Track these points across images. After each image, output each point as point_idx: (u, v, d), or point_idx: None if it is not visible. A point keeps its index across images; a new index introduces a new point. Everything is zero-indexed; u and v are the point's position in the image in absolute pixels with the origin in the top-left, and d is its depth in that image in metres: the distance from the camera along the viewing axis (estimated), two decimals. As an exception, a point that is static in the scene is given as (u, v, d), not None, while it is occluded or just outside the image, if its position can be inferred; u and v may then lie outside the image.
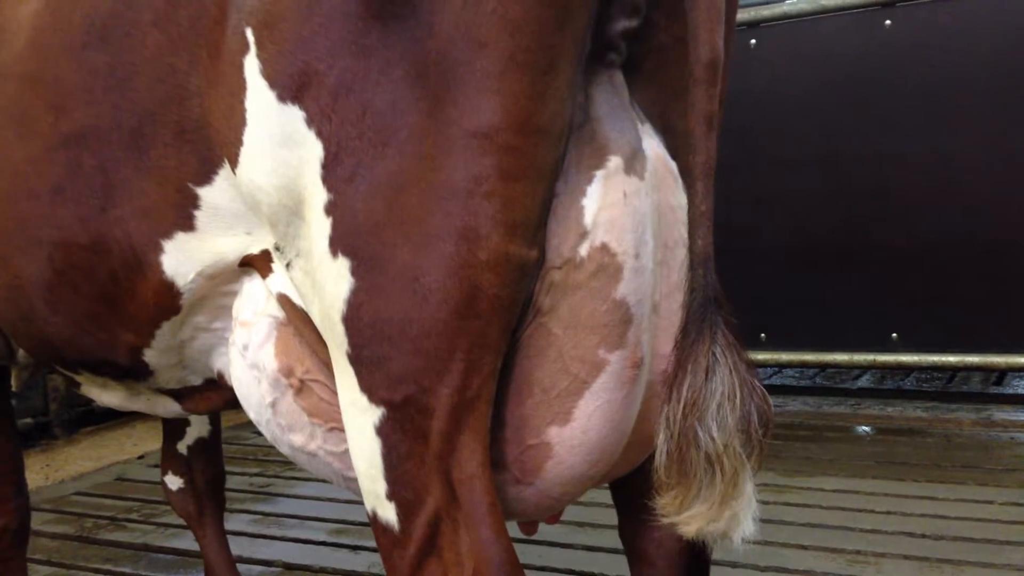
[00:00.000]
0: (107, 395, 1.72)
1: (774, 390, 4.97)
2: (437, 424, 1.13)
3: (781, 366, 4.98)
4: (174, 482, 2.38)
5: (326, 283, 1.17)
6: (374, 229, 1.13)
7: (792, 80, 4.38)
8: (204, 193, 1.33)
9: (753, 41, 4.43)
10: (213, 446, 2.40)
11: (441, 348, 1.12)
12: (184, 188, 1.34)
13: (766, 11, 4.42)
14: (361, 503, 1.26)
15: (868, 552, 2.83)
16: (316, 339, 1.28)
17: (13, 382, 2.13)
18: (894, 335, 4.36)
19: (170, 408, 1.67)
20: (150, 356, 1.51)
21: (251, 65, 1.17)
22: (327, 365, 1.27)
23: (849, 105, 4.28)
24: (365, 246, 1.13)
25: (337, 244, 1.15)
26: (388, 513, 1.19)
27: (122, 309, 1.46)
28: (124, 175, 1.37)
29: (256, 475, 3.92)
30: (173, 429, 2.37)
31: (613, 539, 1.79)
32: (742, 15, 4.42)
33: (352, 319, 1.15)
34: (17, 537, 2.14)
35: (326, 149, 1.14)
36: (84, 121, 1.38)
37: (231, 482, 3.76)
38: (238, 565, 2.98)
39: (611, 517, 1.57)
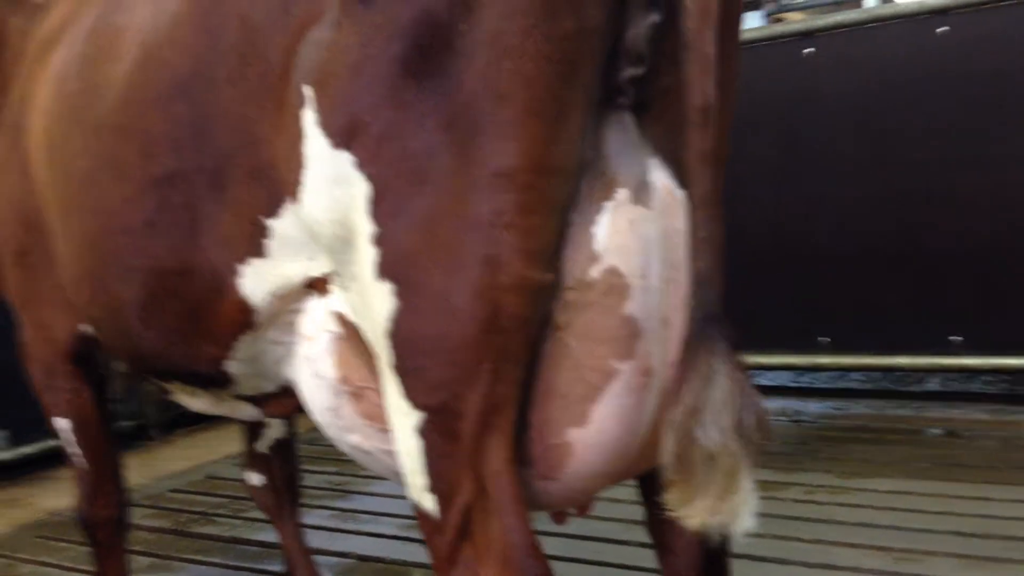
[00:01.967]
0: (195, 402, 1.95)
1: (837, 394, 5.03)
2: (468, 426, 1.31)
3: (842, 369, 5.03)
4: (255, 479, 2.62)
5: (373, 304, 1.36)
6: (413, 257, 1.31)
7: (847, 88, 4.44)
8: (273, 224, 1.53)
9: (807, 50, 4.50)
10: (289, 447, 2.63)
11: (470, 360, 1.29)
12: (256, 220, 1.54)
13: (820, 20, 4.48)
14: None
15: (916, 550, 2.91)
16: (368, 351, 1.47)
17: (113, 390, 2.39)
18: (956, 338, 4.39)
19: (250, 413, 1.89)
20: (230, 367, 1.73)
21: (309, 117, 1.37)
22: (378, 374, 1.46)
23: (904, 112, 4.33)
24: (406, 272, 1.32)
25: (382, 270, 1.34)
26: (429, 504, 1.38)
27: (206, 326, 1.67)
28: (206, 210, 1.59)
29: (334, 474, 4.16)
30: (254, 431, 2.61)
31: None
32: (796, 26, 4.50)
33: (395, 335, 1.34)
34: (118, 527, 2.39)
35: (372, 188, 1.33)
36: (171, 165, 1.61)
37: (311, 480, 4.01)
38: (317, 557, 3.21)
39: (664, 516, 1.73)
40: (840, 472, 3.74)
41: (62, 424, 2.28)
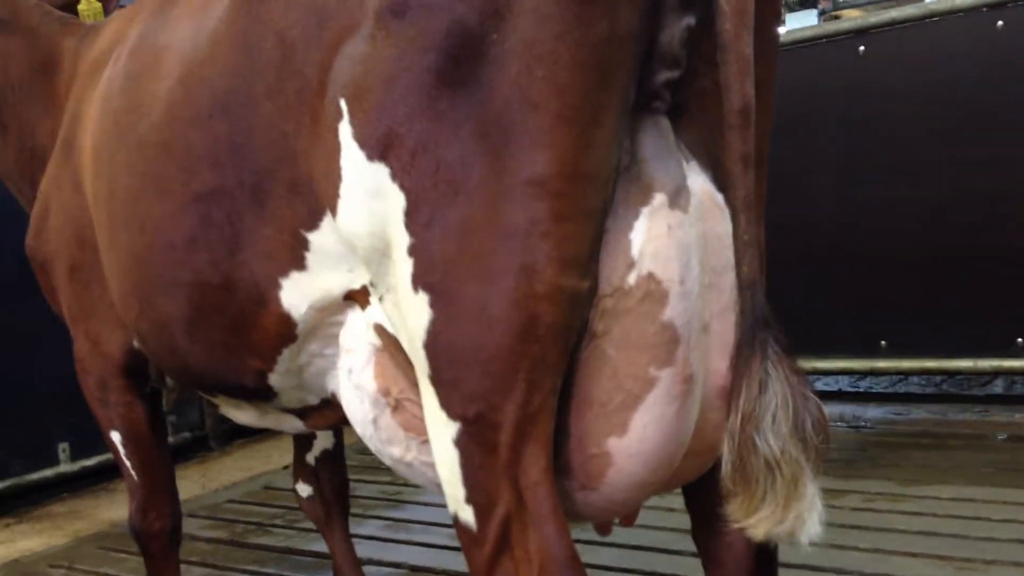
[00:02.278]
0: (241, 414, 1.97)
1: (897, 398, 4.92)
2: (504, 436, 1.30)
3: (902, 373, 4.92)
4: (304, 490, 2.64)
5: (410, 315, 1.36)
6: (448, 267, 1.31)
7: (903, 86, 4.35)
8: (313, 238, 1.54)
9: (862, 48, 4.43)
10: (337, 457, 2.65)
11: (506, 370, 1.29)
12: (297, 234, 1.55)
13: (873, 18, 4.40)
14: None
15: (978, 560, 2.83)
16: (407, 363, 1.46)
17: (164, 403, 2.42)
18: (1022, 340, 4.27)
19: (295, 425, 1.90)
20: (274, 380, 1.74)
21: (344, 130, 1.38)
22: (417, 386, 1.46)
23: (962, 109, 4.23)
24: (441, 282, 1.31)
25: (418, 281, 1.33)
26: (467, 515, 1.37)
27: (249, 339, 1.69)
28: (248, 225, 1.61)
29: (387, 483, 4.17)
30: (302, 443, 2.63)
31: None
32: (848, 23, 4.42)
33: (432, 345, 1.34)
34: (172, 538, 2.42)
35: (408, 199, 1.33)
36: (212, 180, 1.63)
37: (364, 490, 4.04)
38: (369, 567, 3.23)
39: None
40: (900, 479, 3.66)
41: (115, 438, 2.32)
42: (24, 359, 4.44)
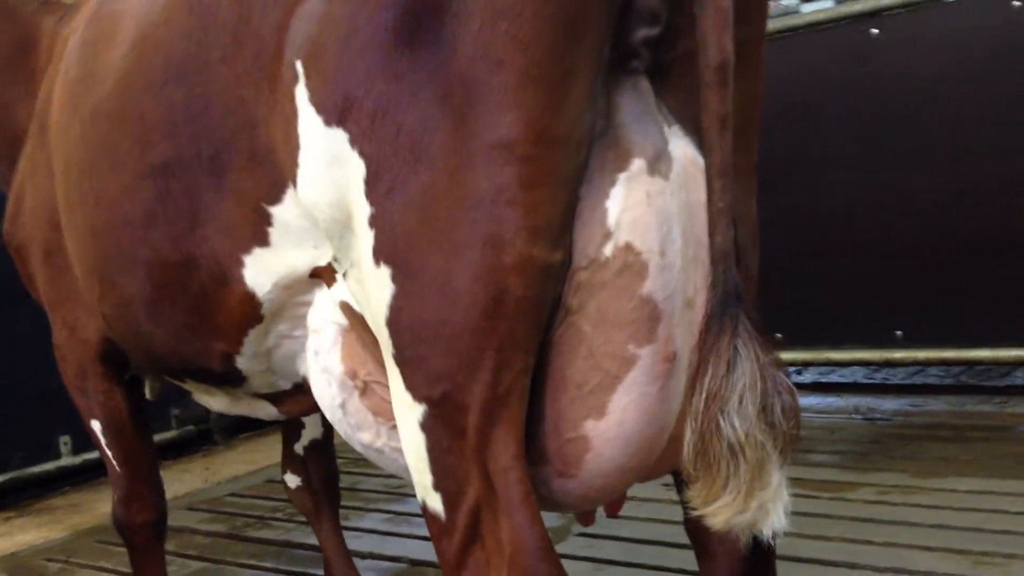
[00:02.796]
0: (213, 401, 1.89)
1: (914, 390, 4.79)
2: (472, 419, 1.21)
3: (919, 364, 4.79)
4: (293, 480, 2.56)
5: (372, 290, 1.27)
6: (410, 239, 1.22)
7: (918, 69, 4.22)
8: (275, 211, 1.46)
9: (875, 31, 4.30)
10: (326, 446, 2.56)
11: (472, 347, 1.19)
12: (259, 207, 1.47)
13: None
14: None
15: (996, 553, 2.72)
16: (374, 343, 1.38)
17: (148, 392, 2.34)
18: (1042, 329, 4.13)
19: (268, 411, 1.82)
20: (241, 363, 1.66)
21: (301, 94, 1.29)
22: (384, 367, 1.37)
23: (981, 93, 4.09)
24: (403, 255, 1.23)
25: (379, 254, 1.25)
26: (435, 503, 1.28)
27: (213, 319, 1.61)
28: (207, 198, 1.52)
29: (389, 476, 4.08)
30: (290, 431, 2.54)
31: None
32: (861, 5, 4.30)
33: (394, 323, 1.25)
34: (156, 530, 2.34)
35: (367, 167, 1.24)
36: (168, 152, 1.54)
37: (366, 483, 3.97)
38: (368, 561, 3.16)
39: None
40: (916, 471, 3.54)
41: (95, 427, 2.24)
42: (25, 352, 4.38)
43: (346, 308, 1.42)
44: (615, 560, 2.96)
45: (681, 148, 1.27)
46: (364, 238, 1.26)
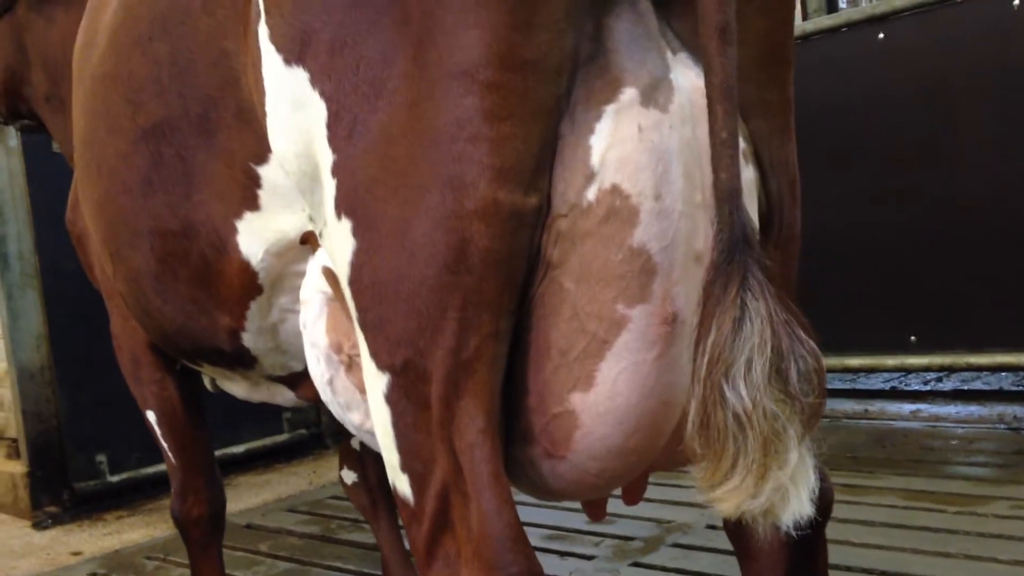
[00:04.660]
0: (234, 386, 1.79)
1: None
2: (436, 389, 1.06)
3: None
4: (349, 476, 2.44)
5: (335, 247, 1.14)
6: (369, 186, 1.08)
7: (924, 73, 3.89)
8: (263, 172, 1.35)
9: (881, 35, 3.97)
10: (384, 442, 2.44)
11: (432, 306, 1.04)
12: (247, 168, 1.36)
13: (898, 1, 3.96)
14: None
15: None
16: (355, 310, 1.24)
17: (207, 384, 2.28)
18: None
19: (287, 396, 1.71)
20: (248, 340, 1.55)
21: (263, 32, 1.18)
22: (365, 336, 1.24)
23: (980, 96, 3.72)
24: (362, 205, 1.09)
25: (340, 205, 1.11)
26: (404, 486, 1.13)
27: (216, 291, 1.51)
28: (199, 160, 1.42)
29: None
30: (348, 427, 2.44)
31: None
32: (869, 8, 4.02)
33: (355, 282, 1.11)
34: (211, 525, 2.27)
35: (328, 108, 1.11)
36: (157, 112, 1.45)
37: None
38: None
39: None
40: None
41: (150, 417, 2.19)
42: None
43: (328, 273, 1.30)
44: (707, 573, 2.73)
45: (689, 78, 1.08)
46: (328, 189, 1.13)
